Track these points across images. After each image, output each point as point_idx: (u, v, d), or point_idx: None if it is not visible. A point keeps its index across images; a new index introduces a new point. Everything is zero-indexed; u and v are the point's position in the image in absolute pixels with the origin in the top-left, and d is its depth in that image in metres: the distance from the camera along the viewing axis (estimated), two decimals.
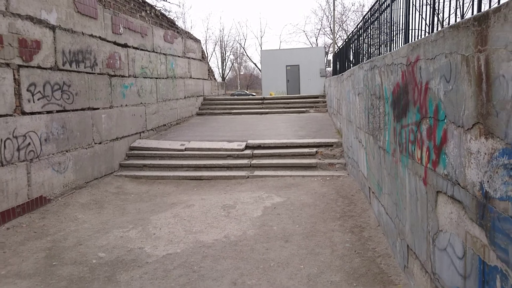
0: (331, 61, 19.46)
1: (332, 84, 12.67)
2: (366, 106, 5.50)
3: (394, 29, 4.65)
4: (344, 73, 8.79)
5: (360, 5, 38.96)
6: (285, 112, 15.38)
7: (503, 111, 1.75)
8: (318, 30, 60.81)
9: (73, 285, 4.07)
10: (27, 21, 6.17)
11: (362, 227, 5.17)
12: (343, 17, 41.35)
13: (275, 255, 4.56)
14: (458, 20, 2.53)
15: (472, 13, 2.43)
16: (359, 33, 7.70)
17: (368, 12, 6.86)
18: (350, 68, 8.37)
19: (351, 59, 8.74)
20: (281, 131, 11.15)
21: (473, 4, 2.46)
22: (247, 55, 51.47)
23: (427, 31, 3.31)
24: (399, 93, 3.57)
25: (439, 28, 2.76)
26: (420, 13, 3.63)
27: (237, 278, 4.05)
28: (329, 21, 41.32)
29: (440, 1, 3.25)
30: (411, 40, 3.77)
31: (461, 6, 2.79)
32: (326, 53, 34.79)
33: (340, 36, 39.14)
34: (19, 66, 6.02)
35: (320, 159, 8.75)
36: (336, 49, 17.44)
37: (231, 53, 50.65)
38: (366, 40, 6.73)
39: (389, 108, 4.04)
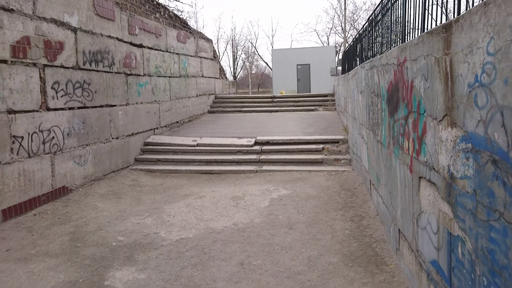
0: (341, 61, 19.73)
1: (340, 83, 12.98)
2: (367, 103, 5.85)
3: (393, 31, 4.98)
4: (350, 72, 9.12)
5: (371, 4, 38.95)
6: (294, 110, 15.72)
7: (462, 104, 2.10)
8: (330, 29, 60.84)
9: (96, 263, 4.51)
10: (51, 24, 6.64)
11: (362, 216, 5.53)
12: (355, 16, 41.39)
13: (279, 240, 4.94)
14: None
15: (454, 16, 2.77)
16: (364, 34, 8.02)
17: (372, 13, 7.18)
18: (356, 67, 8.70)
19: (356, 59, 9.06)
20: (289, 128, 11.51)
21: (453, 10, 2.80)
22: (258, 54, 51.77)
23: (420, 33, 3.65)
24: (392, 90, 3.92)
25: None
26: (415, 17, 3.97)
27: (244, 259, 4.44)
28: (340, 20, 41.44)
29: (430, 3, 3.59)
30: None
31: (446, 11, 3.12)
32: (337, 52, 34.91)
33: (351, 35, 39.22)
34: (44, 65, 6.50)
35: (326, 155, 9.10)
36: (345, 48, 17.70)
37: (242, 52, 51.05)
38: (369, 41, 7.06)
39: (385, 105, 4.38)
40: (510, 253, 1.63)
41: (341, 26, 40.95)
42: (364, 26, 8.07)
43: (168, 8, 12.13)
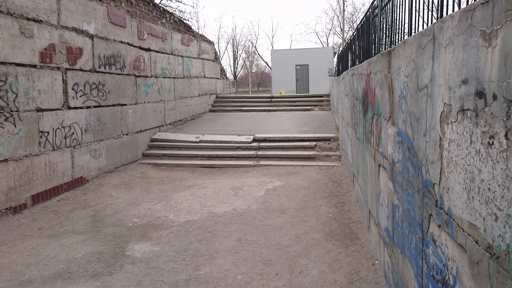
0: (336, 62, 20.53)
1: (334, 85, 13.82)
2: (351, 105, 6.69)
3: (364, 48, 5.81)
4: (340, 76, 9.95)
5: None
6: (291, 110, 16.55)
7: (396, 109, 2.94)
8: (329, 30, 61.63)
9: (117, 239, 5.35)
10: (72, 32, 7.48)
11: (344, 203, 6.38)
12: (354, 17, 42.20)
13: (272, 222, 5.78)
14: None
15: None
16: (351, 43, 8.86)
17: (358, 25, 8.01)
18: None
19: (346, 65, 9.90)
20: (285, 126, 12.35)
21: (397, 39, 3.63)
22: (258, 54, 52.62)
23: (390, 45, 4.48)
24: (365, 95, 4.76)
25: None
26: (385, 32, 4.80)
27: (242, 236, 5.28)
28: (340, 21, 42.24)
29: (395, 24, 4.42)
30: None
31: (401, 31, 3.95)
32: (335, 53, 35.74)
33: (350, 36, 40.02)
34: (66, 69, 7.33)
35: (318, 151, 9.94)
36: (339, 52, 18.51)
37: (243, 52, 51.85)
38: (353, 51, 7.90)
39: (361, 107, 5.22)
40: (416, 208, 2.47)
41: (340, 27, 41.77)
42: (351, 37, 8.90)
43: (173, 13, 12.95)
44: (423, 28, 2.54)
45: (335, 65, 31.31)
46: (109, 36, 8.74)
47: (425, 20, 2.57)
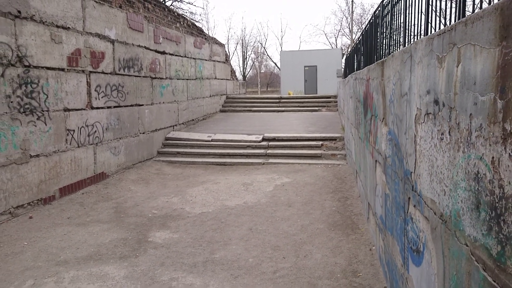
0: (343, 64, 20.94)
1: (340, 87, 14.28)
2: (354, 107, 7.16)
3: (372, 50, 6.29)
4: (346, 78, 10.42)
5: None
6: (299, 111, 17.03)
7: (387, 111, 3.43)
8: (338, 31, 61.88)
9: (139, 228, 5.90)
10: (96, 38, 8.06)
11: (347, 198, 6.86)
12: (362, 18, 42.48)
13: (280, 214, 6.29)
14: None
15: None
16: (355, 48, 9.33)
17: (362, 31, 8.48)
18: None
19: (352, 68, 10.36)
20: (293, 127, 12.84)
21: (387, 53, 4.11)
22: (267, 55, 53.09)
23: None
24: (365, 98, 5.25)
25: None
26: (383, 42, 5.28)
27: (252, 226, 5.80)
28: (348, 22, 42.55)
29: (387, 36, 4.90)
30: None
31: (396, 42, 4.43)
32: (343, 55, 36.10)
33: (359, 37, 40.30)
34: (90, 72, 7.91)
35: (324, 150, 10.42)
36: (347, 53, 18.93)
37: (252, 52, 52.40)
38: (357, 57, 8.37)
39: (362, 108, 5.70)
40: (400, 194, 2.96)
41: (349, 28, 42.07)
42: (357, 40, 9.36)
43: (186, 17, 13.52)
44: (415, 40, 3.02)
45: (343, 67, 31.74)
46: (128, 40, 9.32)
47: (417, 33, 3.05)
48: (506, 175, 1.22)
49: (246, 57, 52.38)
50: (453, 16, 2.05)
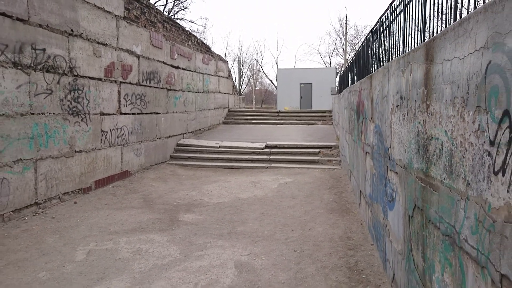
0: (338, 82, 22.37)
1: (335, 101, 15.62)
2: (348, 115, 8.44)
3: (363, 69, 7.59)
4: (341, 93, 11.75)
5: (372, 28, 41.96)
6: (297, 123, 18.32)
7: (375, 111, 4.68)
8: (332, 51, 63.97)
9: (168, 212, 7.03)
10: (125, 53, 9.31)
11: (342, 192, 8.07)
12: (356, 39, 44.41)
13: (286, 203, 7.46)
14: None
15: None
16: (349, 67, 10.69)
17: (356, 52, 9.84)
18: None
19: (346, 84, 11.70)
20: (293, 137, 14.10)
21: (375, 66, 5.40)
22: (263, 72, 54.82)
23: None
24: (357, 106, 6.52)
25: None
26: (371, 61, 6.58)
27: (264, 211, 6.96)
28: (342, 43, 44.40)
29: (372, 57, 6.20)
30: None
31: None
32: (337, 73, 37.75)
33: (352, 57, 42.08)
34: (120, 82, 9.13)
35: (321, 156, 11.66)
36: (340, 72, 20.39)
37: (248, 69, 54.05)
38: (350, 74, 9.71)
39: (355, 115, 6.97)
40: (382, 167, 4.17)
41: (343, 49, 43.90)
42: (350, 60, 10.72)
43: (197, 36, 14.87)
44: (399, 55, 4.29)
45: (337, 84, 33.29)
46: (150, 56, 10.58)
47: (399, 51, 4.32)
48: (428, 127, 2.45)
49: (242, 74, 53.98)
50: (417, 41, 3.32)
